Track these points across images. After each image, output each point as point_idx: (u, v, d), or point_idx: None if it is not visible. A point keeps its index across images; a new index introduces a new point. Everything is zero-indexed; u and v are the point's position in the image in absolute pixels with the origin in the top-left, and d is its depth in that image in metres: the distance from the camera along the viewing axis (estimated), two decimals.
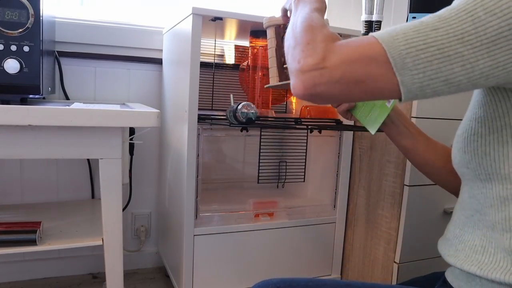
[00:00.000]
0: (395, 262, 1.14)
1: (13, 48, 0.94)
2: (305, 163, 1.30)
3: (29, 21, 0.95)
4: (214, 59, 1.46)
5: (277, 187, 1.56)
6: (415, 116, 1.07)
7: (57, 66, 1.36)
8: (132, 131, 1.04)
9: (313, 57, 0.52)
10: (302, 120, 1.22)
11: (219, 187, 1.54)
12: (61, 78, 1.38)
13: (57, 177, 1.44)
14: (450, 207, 1.17)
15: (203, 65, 1.33)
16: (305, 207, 1.33)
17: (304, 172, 1.30)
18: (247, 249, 1.22)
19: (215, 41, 1.46)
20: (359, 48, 0.51)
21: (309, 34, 0.56)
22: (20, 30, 0.95)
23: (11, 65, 0.94)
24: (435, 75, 0.49)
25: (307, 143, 1.29)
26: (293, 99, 1.56)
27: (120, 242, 0.98)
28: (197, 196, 1.15)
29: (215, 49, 1.47)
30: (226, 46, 1.52)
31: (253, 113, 1.02)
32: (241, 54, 1.46)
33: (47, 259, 1.46)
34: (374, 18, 1.25)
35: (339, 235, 1.35)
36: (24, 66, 0.95)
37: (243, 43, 1.47)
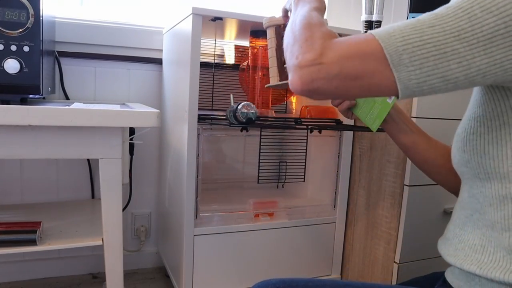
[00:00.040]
0: (395, 262, 1.14)
1: (13, 48, 0.94)
2: (305, 163, 1.30)
3: (29, 21, 0.95)
4: (214, 59, 1.46)
5: (277, 187, 1.56)
6: (415, 116, 1.07)
7: (57, 66, 1.36)
8: (132, 131, 1.04)
9: (311, 53, 0.53)
10: (302, 120, 1.22)
11: (219, 187, 1.54)
12: (61, 78, 1.38)
13: (57, 177, 1.44)
14: (450, 207, 1.17)
15: (203, 65, 1.33)
16: (305, 207, 1.33)
17: (304, 172, 1.30)
18: (247, 249, 1.22)
19: (215, 41, 1.46)
20: (356, 44, 0.51)
21: (307, 31, 0.57)
22: (20, 30, 0.95)
23: (11, 65, 0.94)
24: (431, 71, 0.49)
25: (307, 143, 1.29)
26: (293, 99, 1.56)
27: (120, 242, 0.98)
28: (197, 196, 1.15)
29: (215, 49, 1.47)
30: (226, 46, 1.52)
31: (253, 113, 1.02)
32: (241, 54, 1.46)
33: (47, 259, 1.46)
34: (374, 18, 1.25)
35: (339, 235, 1.35)
36: (24, 66, 0.95)
37: (243, 43, 1.47)
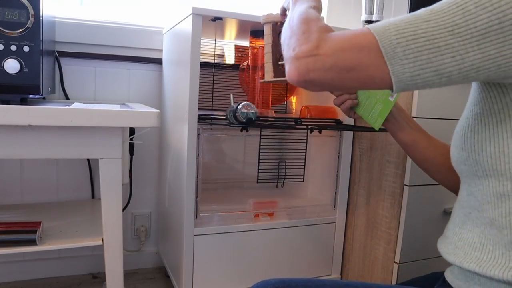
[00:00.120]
0: (395, 262, 1.14)
1: (13, 48, 0.94)
2: (304, 163, 1.30)
3: (29, 21, 0.95)
4: (214, 59, 1.46)
5: (276, 187, 1.56)
6: (415, 115, 1.07)
7: (57, 66, 1.36)
8: (132, 131, 1.04)
9: (307, 44, 0.54)
10: (302, 120, 1.22)
11: (219, 187, 1.54)
12: (61, 78, 1.38)
13: (57, 177, 1.44)
14: (450, 207, 1.16)
15: (203, 65, 1.33)
16: (305, 207, 1.33)
17: (304, 172, 1.30)
18: (247, 249, 1.22)
19: (215, 41, 1.46)
20: (352, 37, 0.53)
21: (304, 25, 0.58)
22: (20, 30, 0.95)
23: (11, 65, 0.94)
24: (425, 65, 0.50)
25: (306, 143, 1.29)
26: (293, 99, 1.56)
27: (120, 242, 0.98)
28: (197, 196, 1.15)
29: (215, 49, 1.47)
30: (226, 46, 1.52)
31: (253, 113, 1.02)
32: (241, 54, 1.46)
33: (47, 259, 1.46)
34: (374, 18, 1.25)
35: (339, 235, 1.35)
36: (24, 66, 0.95)
37: (243, 43, 1.47)
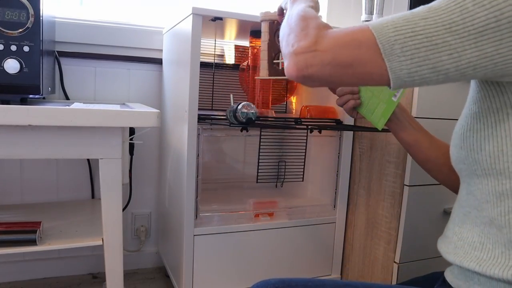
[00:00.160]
0: (395, 262, 1.14)
1: (13, 48, 0.94)
2: (304, 162, 1.30)
3: (29, 21, 0.95)
4: (214, 59, 1.46)
5: (276, 187, 1.56)
6: (415, 116, 1.07)
7: (57, 66, 1.36)
8: (132, 131, 1.04)
9: (306, 40, 0.55)
10: (302, 120, 1.22)
11: (219, 187, 1.54)
12: (61, 78, 1.38)
13: (57, 177, 1.44)
14: (450, 207, 1.16)
15: (203, 65, 1.34)
16: (305, 207, 1.33)
17: (303, 172, 1.30)
18: (247, 249, 1.22)
19: (215, 41, 1.46)
20: (350, 34, 0.53)
21: (303, 22, 0.59)
22: (20, 30, 0.95)
23: (11, 65, 0.94)
24: (422, 62, 0.50)
25: (306, 143, 1.29)
26: (293, 99, 1.56)
27: (120, 242, 0.98)
28: (197, 196, 1.15)
29: (215, 49, 1.47)
30: (226, 46, 1.52)
31: (253, 113, 1.02)
32: (241, 54, 1.46)
33: (47, 259, 1.46)
34: (374, 18, 1.25)
35: (339, 235, 1.35)
36: (24, 66, 0.95)
37: (243, 43, 1.47)
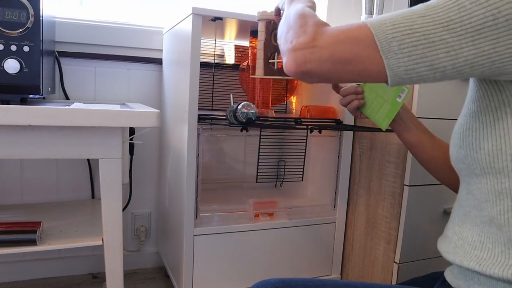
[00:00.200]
0: (395, 262, 1.14)
1: (13, 48, 0.94)
2: (303, 162, 1.30)
3: (29, 21, 0.95)
4: (214, 59, 1.46)
5: (276, 187, 1.56)
6: (415, 116, 1.07)
7: (57, 66, 1.36)
8: (132, 131, 1.04)
9: (304, 37, 0.56)
10: (302, 120, 1.22)
11: (219, 187, 1.54)
12: (61, 78, 1.38)
13: (57, 177, 1.44)
14: (450, 207, 1.16)
15: (203, 65, 1.34)
16: (305, 207, 1.33)
17: (303, 172, 1.30)
18: (247, 249, 1.22)
19: (215, 41, 1.46)
20: (348, 31, 0.54)
21: (301, 20, 0.60)
22: (20, 30, 0.95)
23: (11, 65, 0.94)
24: (420, 59, 0.51)
25: (306, 143, 1.29)
26: (293, 99, 1.56)
27: (120, 242, 0.98)
28: (197, 196, 1.15)
29: (215, 49, 1.47)
30: (226, 46, 1.52)
31: (253, 113, 1.02)
32: (241, 54, 1.47)
33: (47, 259, 1.46)
34: None
35: (339, 235, 1.35)
36: (24, 66, 0.95)
37: (243, 43, 1.47)
